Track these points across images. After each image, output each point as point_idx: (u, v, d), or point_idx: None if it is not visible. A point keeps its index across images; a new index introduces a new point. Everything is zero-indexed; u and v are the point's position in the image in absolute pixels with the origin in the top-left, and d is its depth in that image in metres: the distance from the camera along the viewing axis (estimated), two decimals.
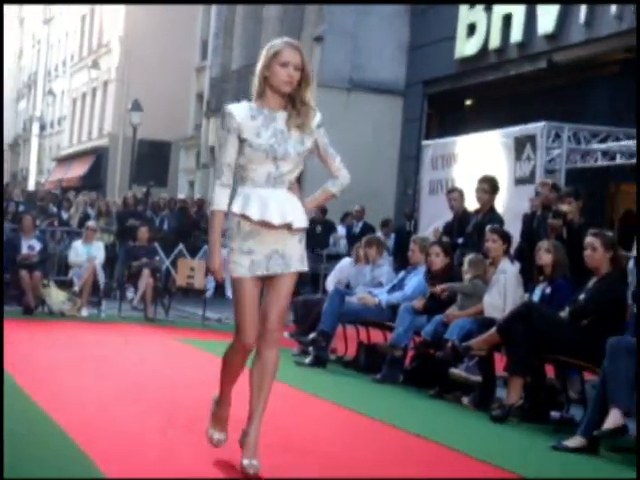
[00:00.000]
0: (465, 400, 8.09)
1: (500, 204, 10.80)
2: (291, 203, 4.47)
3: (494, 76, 16.60)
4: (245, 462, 4.45)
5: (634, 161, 11.53)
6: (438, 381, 8.41)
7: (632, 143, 11.47)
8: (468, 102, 18.43)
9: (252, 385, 4.55)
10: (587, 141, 12.37)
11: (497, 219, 9.74)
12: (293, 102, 4.45)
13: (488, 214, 9.77)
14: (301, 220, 4.50)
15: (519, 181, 12.43)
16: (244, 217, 4.43)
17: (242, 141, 4.41)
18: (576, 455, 6.18)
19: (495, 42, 16.35)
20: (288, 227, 4.44)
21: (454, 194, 10.85)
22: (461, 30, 17.35)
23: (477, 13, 16.98)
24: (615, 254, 7.17)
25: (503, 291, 8.17)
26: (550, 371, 8.02)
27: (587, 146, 12.34)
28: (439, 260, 8.68)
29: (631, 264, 8.25)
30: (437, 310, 8.43)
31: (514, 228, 9.97)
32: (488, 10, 16.47)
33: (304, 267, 4.56)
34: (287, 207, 4.44)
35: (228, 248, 4.56)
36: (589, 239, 7.09)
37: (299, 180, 4.69)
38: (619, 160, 12.26)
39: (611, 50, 14.26)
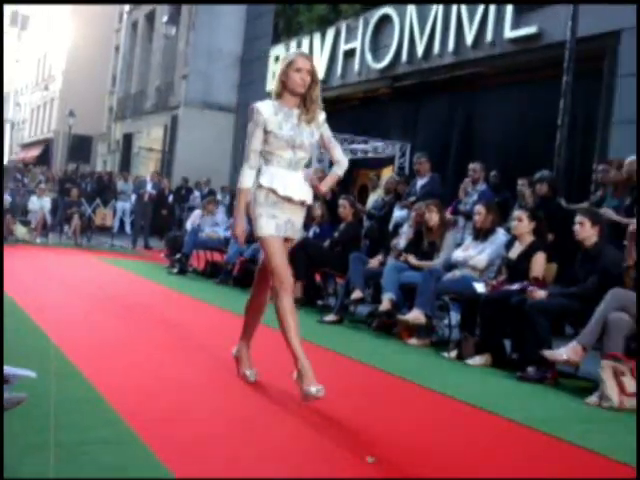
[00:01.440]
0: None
1: None
2: (304, 184, 5.00)
3: None
4: (312, 389, 4.59)
5: (368, 155, 15.73)
6: (251, 281, 11.29)
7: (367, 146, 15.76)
8: None
9: (286, 329, 4.84)
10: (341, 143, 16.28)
11: None
12: (304, 101, 4.93)
13: None
14: (310, 198, 5.06)
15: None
16: (271, 190, 4.87)
17: (267, 132, 4.87)
18: (331, 326, 8.53)
19: None
20: (302, 203, 4.99)
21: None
22: (269, 74, 21.58)
23: (278, 66, 20.70)
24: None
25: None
26: (318, 277, 10.55)
27: (342, 146, 16.42)
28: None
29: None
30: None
31: None
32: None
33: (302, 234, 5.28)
34: (302, 187, 4.97)
35: (253, 214, 4.88)
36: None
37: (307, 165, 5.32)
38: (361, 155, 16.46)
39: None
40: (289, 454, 3.81)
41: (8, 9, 60.59)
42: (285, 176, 4.90)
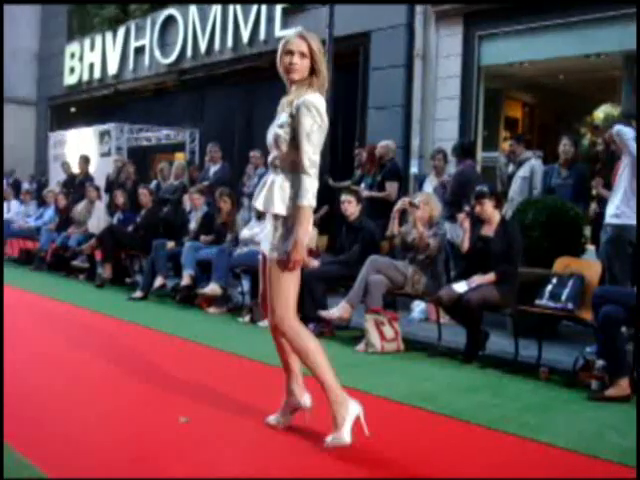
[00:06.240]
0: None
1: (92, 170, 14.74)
2: (272, 190, 3.61)
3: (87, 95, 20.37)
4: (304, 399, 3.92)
5: (162, 142, 15.86)
6: (65, 268, 11.10)
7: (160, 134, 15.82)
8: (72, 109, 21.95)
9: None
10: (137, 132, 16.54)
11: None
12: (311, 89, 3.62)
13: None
14: (277, 207, 3.58)
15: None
16: None
17: None
18: (138, 302, 8.62)
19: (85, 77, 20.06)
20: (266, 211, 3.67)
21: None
22: (67, 69, 20.92)
23: (75, 61, 20.54)
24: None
25: None
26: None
27: (137, 134, 16.54)
28: None
29: None
30: None
31: None
32: (80, 60, 20.16)
33: (273, 254, 3.58)
34: (267, 193, 3.63)
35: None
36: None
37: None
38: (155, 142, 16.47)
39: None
40: None
41: None
42: (263, 183, 3.76)
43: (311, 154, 3.52)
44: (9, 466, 3.14)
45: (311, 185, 3.54)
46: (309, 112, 3.51)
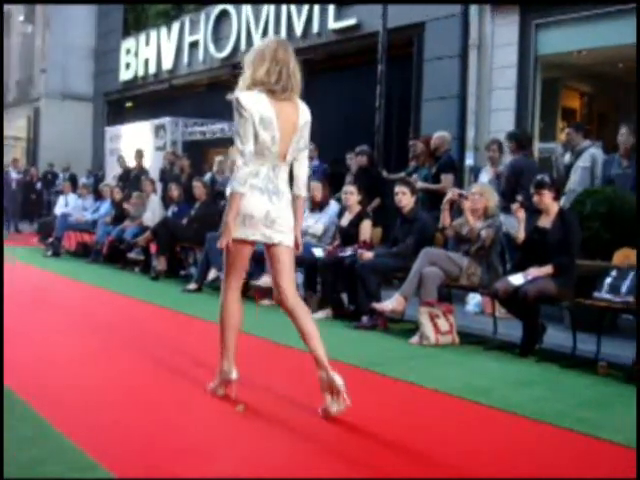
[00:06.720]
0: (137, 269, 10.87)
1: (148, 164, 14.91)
2: None
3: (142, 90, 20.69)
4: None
5: (216, 136, 15.82)
6: (121, 261, 11.37)
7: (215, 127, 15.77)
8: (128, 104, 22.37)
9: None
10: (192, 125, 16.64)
11: None
12: None
13: None
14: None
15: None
16: None
17: None
18: (192, 294, 8.61)
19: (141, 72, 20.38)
20: None
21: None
22: (122, 65, 21.29)
23: (130, 57, 20.85)
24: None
25: None
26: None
27: (192, 128, 16.59)
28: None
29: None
30: None
31: None
32: (136, 55, 20.46)
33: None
34: None
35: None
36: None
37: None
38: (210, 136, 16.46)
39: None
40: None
41: None
42: None
43: (239, 145, 3.89)
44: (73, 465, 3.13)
45: (239, 172, 3.87)
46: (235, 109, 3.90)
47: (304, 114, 4.10)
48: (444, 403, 4.40)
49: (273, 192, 4.01)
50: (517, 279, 5.87)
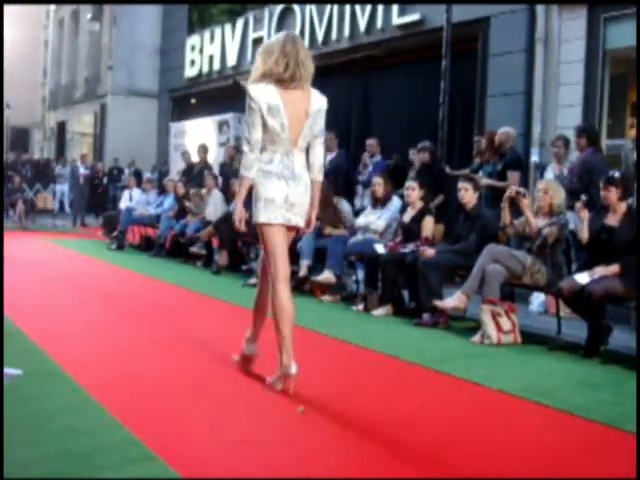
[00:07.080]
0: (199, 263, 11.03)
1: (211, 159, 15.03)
2: None
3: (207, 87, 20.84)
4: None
5: None
6: (183, 255, 11.48)
7: None
8: (193, 101, 22.52)
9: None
10: None
11: None
12: None
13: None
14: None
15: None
16: None
17: None
18: (253, 288, 8.05)
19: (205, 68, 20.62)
20: None
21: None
22: (187, 62, 21.51)
23: (195, 54, 21.08)
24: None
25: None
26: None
27: None
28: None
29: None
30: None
31: None
32: (200, 52, 20.67)
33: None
34: None
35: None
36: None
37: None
38: None
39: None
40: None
41: None
42: None
43: (246, 133, 4.22)
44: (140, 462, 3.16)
45: (245, 158, 4.16)
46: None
47: (317, 102, 4.22)
48: (507, 403, 4.33)
49: (289, 177, 4.17)
50: (583, 278, 5.74)
